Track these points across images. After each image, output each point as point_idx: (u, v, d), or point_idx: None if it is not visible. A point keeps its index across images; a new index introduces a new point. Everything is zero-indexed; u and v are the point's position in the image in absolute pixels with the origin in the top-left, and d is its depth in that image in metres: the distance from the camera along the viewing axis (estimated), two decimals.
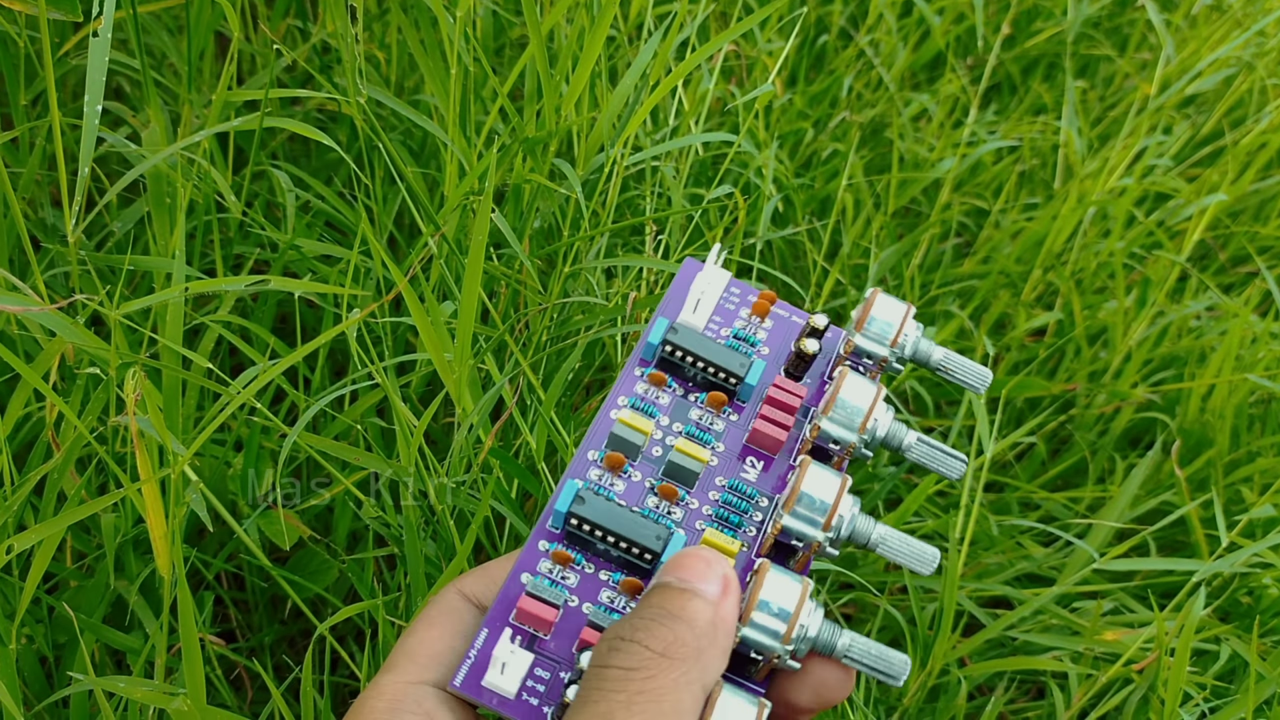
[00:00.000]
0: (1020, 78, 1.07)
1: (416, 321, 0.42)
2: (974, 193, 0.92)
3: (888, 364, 0.36)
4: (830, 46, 0.96)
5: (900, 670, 0.31)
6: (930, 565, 0.33)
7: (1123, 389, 0.77)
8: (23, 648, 0.47)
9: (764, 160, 0.74)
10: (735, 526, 0.34)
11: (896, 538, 0.33)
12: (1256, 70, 1.01)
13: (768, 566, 0.31)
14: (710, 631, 0.29)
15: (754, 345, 0.37)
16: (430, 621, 0.33)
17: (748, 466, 0.36)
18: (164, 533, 0.40)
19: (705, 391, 0.36)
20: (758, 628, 0.30)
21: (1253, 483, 0.73)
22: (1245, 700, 0.53)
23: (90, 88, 0.38)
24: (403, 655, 0.32)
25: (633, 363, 0.36)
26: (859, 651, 0.31)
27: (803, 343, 0.36)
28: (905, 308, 0.36)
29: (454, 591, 0.34)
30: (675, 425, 0.35)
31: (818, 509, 0.32)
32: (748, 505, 0.35)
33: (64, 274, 0.57)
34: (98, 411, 0.45)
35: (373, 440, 0.56)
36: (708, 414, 0.36)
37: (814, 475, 0.32)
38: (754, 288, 0.38)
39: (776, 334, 0.38)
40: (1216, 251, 0.95)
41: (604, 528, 0.32)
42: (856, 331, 0.36)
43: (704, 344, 0.36)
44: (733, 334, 0.38)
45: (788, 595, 0.30)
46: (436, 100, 0.60)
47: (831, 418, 0.34)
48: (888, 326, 0.36)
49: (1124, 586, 0.66)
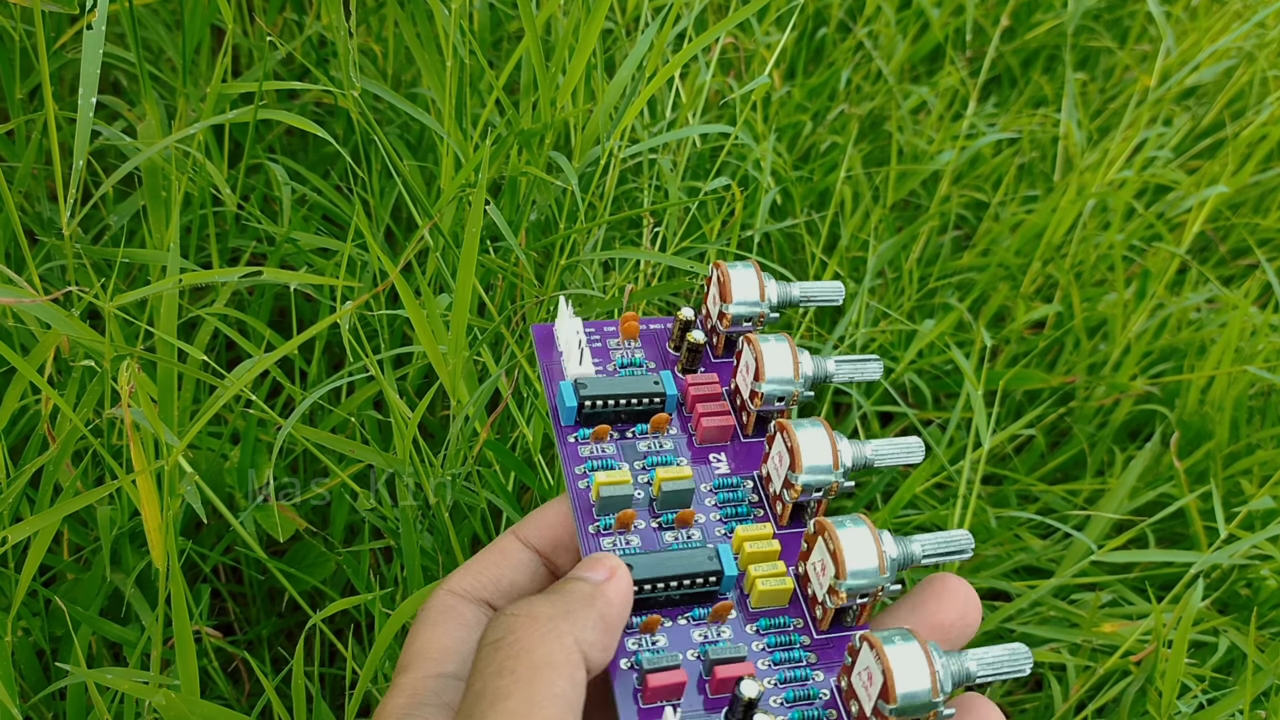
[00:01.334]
0: (1020, 70, 1.07)
1: (410, 313, 0.42)
2: (973, 185, 0.92)
3: (765, 317, 0.39)
4: (829, 39, 0.96)
5: (967, 543, 0.34)
6: (918, 452, 0.36)
7: (1122, 381, 0.77)
8: (19, 640, 0.47)
9: (762, 153, 0.74)
10: (746, 516, 0.36)
11: (886, 444, 0.36)
12: (1257, 61, 1.01)
13: (829, 526, 0.32)
14: (585, 599, 0.30)
15: (640, 365, 0.39)
16: (431, 622, 0.34)
17: (714, 462, 0.37)
18: (158, 525, 0.40)
19: (640, 423, 0.37)
20: (856, 575, 0.32)
21: (1252, 475, 0.72)
22: (1243, 692, 0.53)
23: (84, 81, 0.38)
24: (414, 655, 0.33)
25: (562, 437, 0.37)
26: (932, 546, 0.33)
27: (691, 336, 0.38)
28: (754, 267, 0.39)
29: (444, 592, 0.35)
30: (636, 464, 0.36)
31: (822, 460, 0.34)
32: (741, 492, 0.36)
33: (60, 267, 0.57)
34: (93, 404, 0.45)
35: (370, 433, 0.56)
36: (653, 440, 0.37)
37: (803, 433, 0.34)
38: (604, 320, 0.40)
39: (650, 347, 0.40)
40: (1216, 244, 0.95)
41: (663, 578, 0.33)
42: (728, 305, 0.38)
43: (611, 385, 0.37)
44: (618, 365, 0.39)
45: (863, 541, 0.32)
46: (433, 94, 0.60)
47: (770, 380, 0.36)
48: (750, 288, 0.38)
49: (1122, 578, 0.66)
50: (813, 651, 0.33)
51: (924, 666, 0.30)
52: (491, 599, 0.35)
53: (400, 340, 0.61)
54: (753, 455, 0.37)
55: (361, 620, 0.51)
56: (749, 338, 0.37)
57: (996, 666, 0.31)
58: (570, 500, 0.35)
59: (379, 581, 0.56)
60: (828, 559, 0.32)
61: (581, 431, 0.37)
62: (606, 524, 0.34)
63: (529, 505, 0.56)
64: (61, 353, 0.48)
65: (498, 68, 0.76)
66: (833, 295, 0.40)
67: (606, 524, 0.34)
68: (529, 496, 0.57)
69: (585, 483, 0.35)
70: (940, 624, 0.33)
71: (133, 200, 0.57)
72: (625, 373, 0.38)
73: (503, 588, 0.35)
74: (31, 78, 0.57)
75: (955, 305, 0.78)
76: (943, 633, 0.33)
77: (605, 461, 0.36)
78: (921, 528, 0.69)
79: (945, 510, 0.63)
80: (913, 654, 0.30)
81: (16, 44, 0.55)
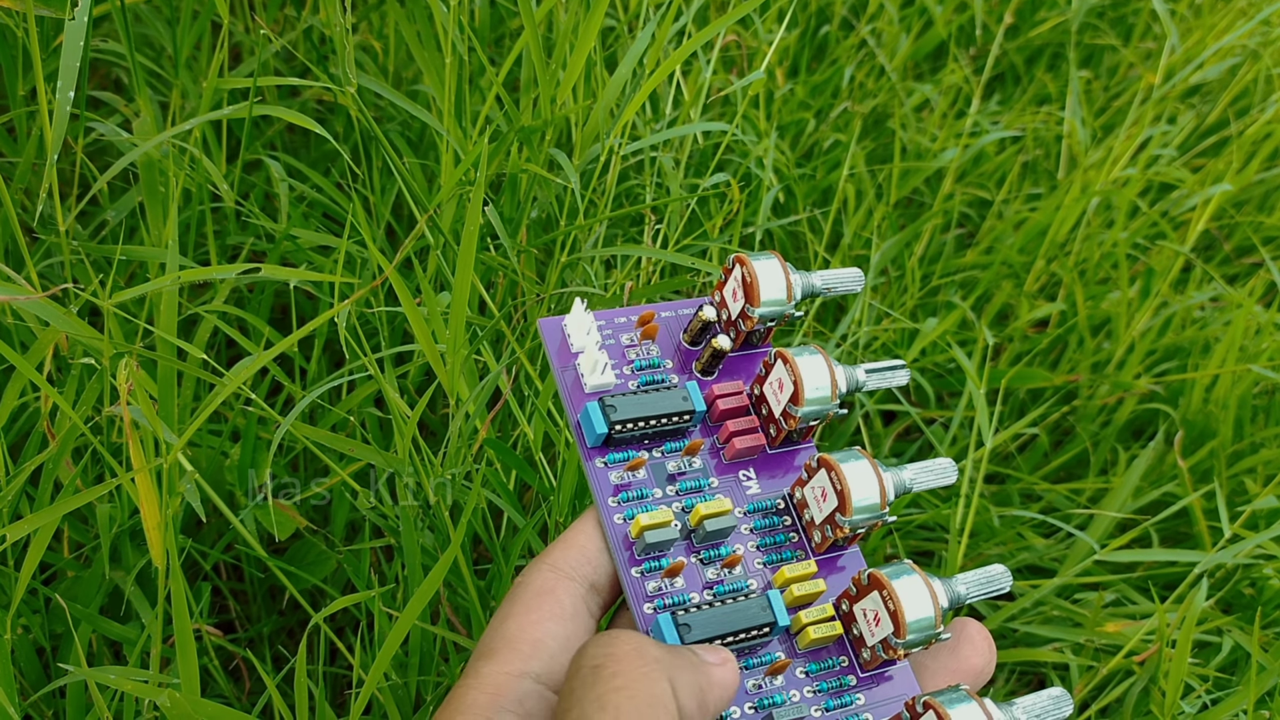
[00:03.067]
0: (1024, 67, 1.06)
1: (406, 310, 0.42)
2: (977, 183, 0.92)
3: (790, 318, 0.37)
4: (832, 36, 0.95)
5: (1006, 580, 0.35)
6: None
7: (1125, 380, 0.77)
8: (19, 638, 0.47)
9: (764, 150, 0.73)
10: (783, 545, 0.35)
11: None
12: (1262, 59, 1.01)
13: (888, 583, 0.33)
14: (689, 666, 0.29)
15: (658, 366, 0.37)
16: (527, 605, 0.32)
17: (744, 480, 0.36)
18: (157, 523, 0.40)
19: (668, 441, 0.36)
20: (915, 629, 0.32)
21: (1256, 474, 0.72)
22: (1247, 692, 0.53)
23: (64, 73, 0.38)
24: (503, 642, 0.31)
25: (589, 459, 0.35)
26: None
27: (716, 343, 0.36)
28: (777, 261, 0.37)
29: (546, 567, 0.33)
30: (669, 488, 0.35)
31: (871, 498, 0.34)
32: (776, 518, 0.36)
33: (60, 264, 0.57)
34: (92, 401, 0.45)
35: (371, 431, 0.56)
36: (682, 460, 0.36)
37: (850, 470, 0.34)
38: (614, 310, 0.38)
39: (663, 340, 0.38)
40: (1221, 242, 0.94)
41: (720, 635, 0.32)
42: (754, 308, 0.36)
43: (641, 405, 0.35)
44: (636, 368, 0.37)
45: (920, 594, 0.33)
46: (433, 91, 0.60)
47: (809, 402, 0.35)
48: (777, 286, 0.36)
49: (1126, 578, 0.66)
50: (859, 693, 0.34)
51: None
52: (596, 579, 0.34)
53: (401, 338, 0.61)
54: (780, 468, 0.37)
55: (362, 619, 0.51)
56: (784, 356, 0.35)
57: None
58: (606, 534, 0.34)
59: (379, 580, 0.56)
60: (884, 615, 0.33)
61: (611, 456, 0.35)
62: (650, 567, 0.33)
63: (530, 504, 0.56)
64: (60, 350, 0.48)
65: (498, 64, 0.76)
66: (853, 283, 0.39)
67: (650, 567, 0.33)
68: (530, 495, 0.57)
69: (622, 517, 0.34)
70: (974, 669, 0.35)
71: (130, 196, 0.57)
72: (645, 378, 0.37)
73: (608, 565, 0.34)
74: (31, 76, 0.57)
75: (958, 303, 0.78)
76: (975, 675, 0.35)
77: (640, 490, 0.35)
78: (924, 527, 0.69)
79: (948, 509, 0.63)
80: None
81: (19, 41, 0.55)
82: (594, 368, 0.36)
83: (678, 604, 0.33)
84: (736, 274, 0.37)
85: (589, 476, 0.35)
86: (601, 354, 0.35)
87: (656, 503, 0.35)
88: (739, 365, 0.38)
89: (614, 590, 0.34)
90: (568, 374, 0.36)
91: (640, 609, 0.33)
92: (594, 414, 0.35)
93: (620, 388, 0.36)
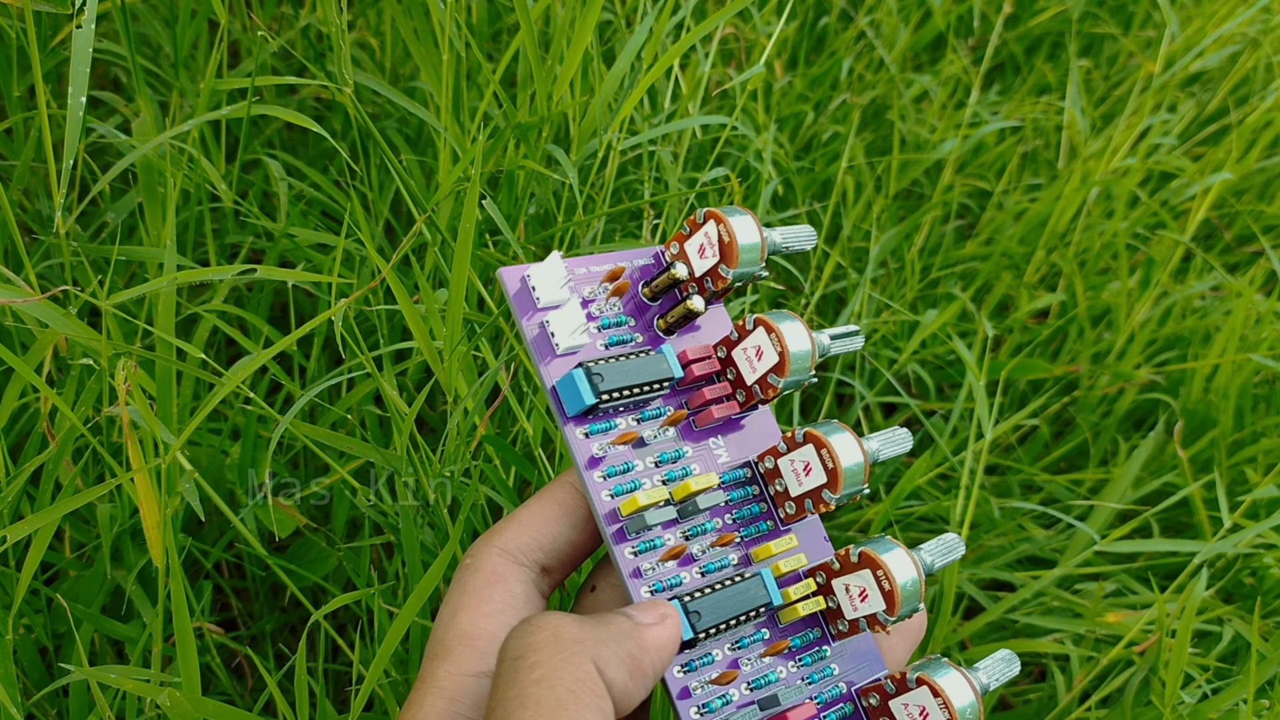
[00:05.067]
0: (1023, 57, 1.06)
1: (403, 308, 0.42)
2: (976, 174, 0.92)
3: (759, 277, 0.36)
4: (830, 28, 0.95)
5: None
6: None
7: (1126, 370, 0.77)
8: (21, 638, 0.47)
9: (763, 143, 0.73)
10: (758, 517, 0.35)
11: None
12: (1262, 47, 1.00)
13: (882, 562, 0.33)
14: (619, 634, 0.28)
15: (624, 324, 0.35)
16: (479, 596, 0.31)
17: (715, 449, 0.36)
18: (157, 522, 0.40)
19: (642, 408, 0.35)
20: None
21: (1256, 463, 0.72)
22: (1247, 681, 0.53)
23: (74, 79, 0.38)
24: (456, 639, 0.30)
25: (570, 429, 0.33)
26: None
27: (690, 305, 0.35)
28: (753, 220, 0.35)
29: (496, 552, 0.32)
30: (649, 460, 0.34)
31: (859, 476, 0.34)
32: (750, 489, 0.36)
33: (59, 265, 0.57)
34: (91, 402, 0.45)
35: (370, 428, 0.56)
36: (658, 429, 0.35)
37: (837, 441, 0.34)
38: (573, 259, 0.35)
39: (627, 296, 0.36)
40: (1221, 231, 0.94)
41: (724, 620, 0.33)
42: (732, 268, 0.35)
43: (625, 371, 0.34)
44: (602, 326, 0.35)
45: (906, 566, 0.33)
46: (430, 88, 0.60)
47: (793, 373, 0.34)
48: (754, 248, 0.35)
49: (1126, 568, 0.66)
50: (834, 663, 0.35)
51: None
52: (547, 561, 0.33)
53: (400, 335, 0.61)
54: (745, 434, 0.36)
55: (363, 616, 0.51)
56: (767, 324, 0.34)
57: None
58: (594, 510, 0.33)
59: (379, 577, 0.57)
60: (875, 593, 0.33)
61: (592, 427, 0.34)
62: (644, 547, 0.33)
63: (525, 493, 0.56)
64: (60, 351, 0.48)
65: (496, 60, 0.75)
66: (807, 240, 0.37)
67: (644, 547, 0.33)
68: (529, 491, 0.57)
69: (609, 493, 0.33)
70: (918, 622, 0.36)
71: (130, 197, 0.57)
72: (612, 338, 0.35)
73: (560, 547, 0.33)
74: (29, 76, 0.57)
75: (958, 295, 0.78)
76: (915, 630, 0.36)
77: (625, 464, 0.34)
78: (924, 519, 0.69)
79: (948, 501, 0.63)
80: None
81: (14, 42, 0.55)
82: (570, 328, 0.34)
83: (671, 586, 0.33)
84: (710, 230, 0.35)
85: (570, 447, 0.33)
86: (579, 313, 0.34)
87: (641, 476, 0.34)
88: (708, 327, 0.37)
89: (563, 570, 0.34)
90: (534, 329, 0.34)
91: (637, 591, 0.32)
92: (580, 382, 0.33)
93: (588, 348, 0.34)
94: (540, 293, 0.34)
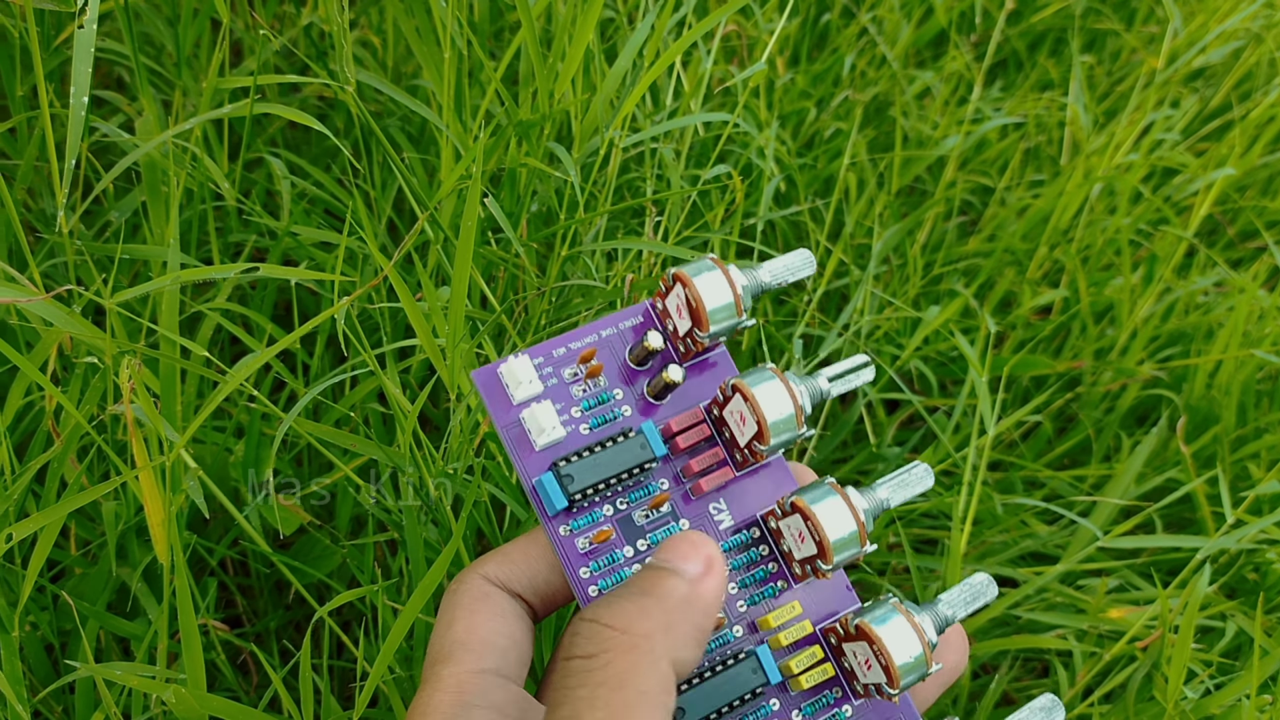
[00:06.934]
0: (1026, 53, 1.06)
1: (405, 306, 0.42)
2: (979, 170, 0.92)
3: (743, 326, 0.34)
4: (833, 25, 0.95)
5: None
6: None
7: (1129, 366, 0.77)
8: (27, 635, 0.47)
9: (765, 140, 0.73)
10: (764, 581, 0.34)
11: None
12: (1265, 42, 1.00)
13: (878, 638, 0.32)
14: (683, 607, 0.28)
15: (608, 402, 0.34)
16: (470, 609, 0.32)
17: (715, 513, 0.34)
18: (162, 519, 0.40)
19: (630, 492, 0.34)
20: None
21: (1259, 459, 0.72)
22: (1250, 677, 0.53)
23: (76, 79, 0.38)
24: (453, 644, 0.31)
25: (552, 527, 0.33)
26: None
27: (667, 376, 0.34)
28: (718, 270, 0.33)
29: (478, 577, 0.33)
30: (640, 543, 0.33)
31: (852, 539, 0.32)
32: (755, 553, 0.34)
33: (64, 264, 0.57)
34: (96, 400, 0.45)
35: (374, 426, 0.56)
36: (650, 510, 0.34)
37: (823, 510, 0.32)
38: (549, 341, 0.35)
39: (608, 361, 0.35)
40: (1224, 226, 0.94)
41: (717, 710, 0.32)
42: (703, 331, 0.33)
43: (598, 465, 0.33)
44: (584, 409, 0.34)
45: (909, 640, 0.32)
46: (433, 85, 0.60)
47: (775, 434, 0.33)
48: (723, 298, 0.33)
49: (1129, 564, 0.66)
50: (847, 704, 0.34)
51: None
52: (525, 594, 0.33)
53: (404, 333, 0.61)
54: (747, 491, 0.35)
55: (367, 613, 0.51)
56: (742, 391, 0.33)
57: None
58: (580, 605, 0.33)
59: (383, 574, 0.57)
60: (876, 665, 0.32)
61: (575, 523, 0.33)
62: None
63: None
64: (64, 350, 0.48)
65: (498, 58, 0.76)
66: (803, 268, 0.35)
67: None
68: None
69: (597, 588, 0.33)
70: (950, 665, 0.36)
71: (133, 196, 0.57)
72: (595, 420, 0.34)
73: (537, 585, 0.33)
74: (32, 75, 0.57)
75: (961, 291, 0.78)
76: (950, 672, 0.35)
77: (610, 555, 0.33)
78: (927, 515, 0.69)
79: (951, 497, 0.63)
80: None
81: (16, 41, 0.55)
82: (542, 428, 0.33)
83: None
84: (679, 292, 0.34)
85: (554, 544, 0.33)
86: (548, 409, 0.33)
87: (630, 563, 0.33)
88: (692, 374, 0.36)
89: (544, 608, 0.34)
90: (513, 430, 0.33)
91: None
92: (550, 487, 0.32)
93: (572, 435, 0.34)
94: (513, 389, 0.33)
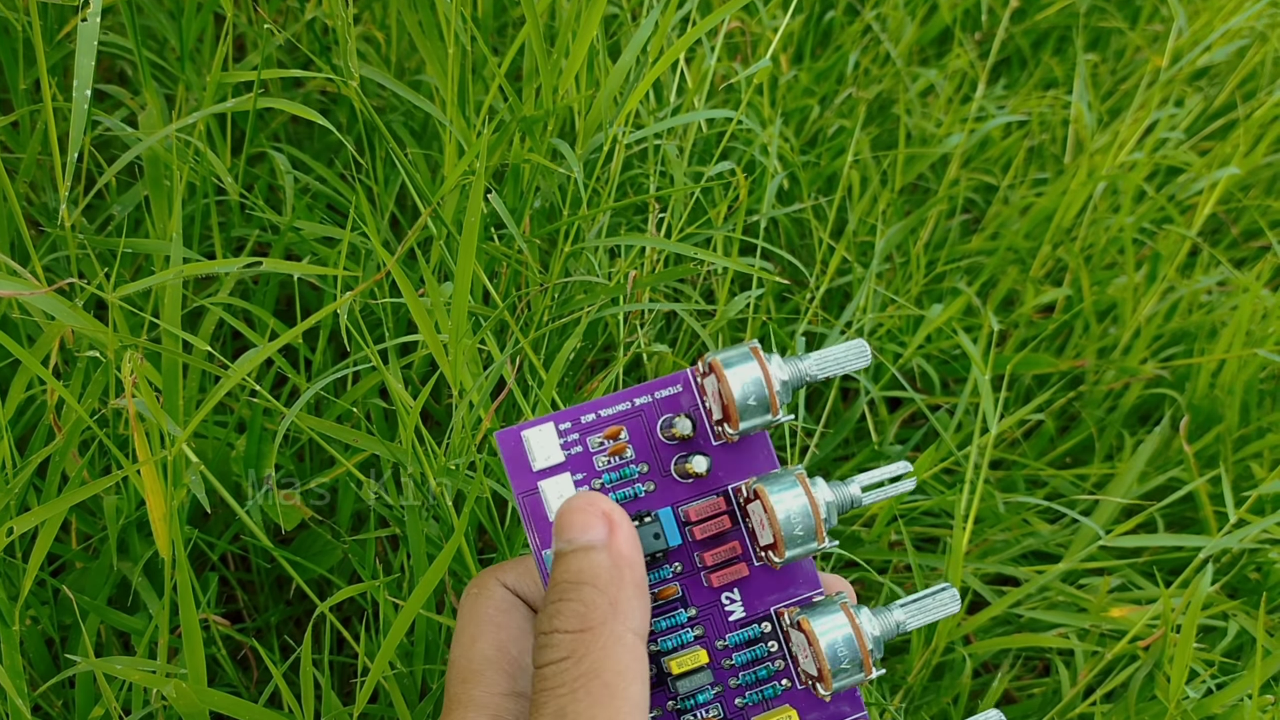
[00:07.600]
0: (1030, 51, 1.06)
1: (408, 301, 0.42)
2: (982, 168, 0.91)
3: (778, 418, 0.33)
4: (836, 22, 0.95)
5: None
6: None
7: (1132, 365, 0.77)
8: (28, 629, 0.47)
9: (768, 137, 0.73)
10: (767, 680, 0.33)
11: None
12: (1270, 41, 1.00)
13: None
14: (614, 578, 0.29)
15: (630, 478, 0.33)
16: (496, 622, 0.32)
17: (728, 604, 0.34)
18: (163, 514, 0.40)
19: None
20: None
21: (1262, 459, 0.72)
22: (1252, 676, 0.53)
23: (79, 72, 0.38)
24: (483, 663, 0.31)
25: None
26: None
27: (690, 467, 0.33)
28: (756, 361, 0.32)
29: (495, 582, 0.33)
30: None
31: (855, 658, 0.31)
32: (762, 649, 0.33)
33: (66, 258, 0.57)
34: (98, 394, 0.45)
35: (376, 421, 0.56)
36: (659, 602, 0.33)
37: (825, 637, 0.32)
38: (579, 406, 0.34)
39: (636, 434, 0.34)
40: (1228, 225, 0.94)
41: None
42: (732, 428, 0.32)
43: None
44: (605, 483, 0.33)
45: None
46: (436, 81, 0.60)
47: (791, 551, 0.32)
48: (760, 402, 0.32)
49: (1131, 563, 0.66)
50: None
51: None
52: (536, 605, 0.33)
53: (406, 328, 0.61)
54: (763, 582, 0.34)
55: (368, 608, 0.51)
56: (762, 497, 0.32)
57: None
58: None
59: (384, 569, 0.57)
60: None
61: None
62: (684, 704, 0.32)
63: None
64: (66, 344, 0.48)
65: (501, 54, 0.75)
66: (856, 359, 0.34)
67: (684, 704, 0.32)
68: None
69: None
70: None
71: (136, 190, 0.57)
72: (615, 496, 0.33)
73: None
74: (35, 69, 0.57)
75: (964, 289, 0.78)
76: None
77: None
78: (929, 513, 0.69)
79: (953, 495, 0.63)
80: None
81: (19, 34, 0.55)
82: (560, 499, 0.32)
83: None
84: (710, 386, 0.33)
85: None
86: (566, 481, 0.32)
87: None
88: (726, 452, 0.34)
89: None
90: (529, 498, 0.33)
91: None
92: None
93: None
94: (536, 455, 0.33)
